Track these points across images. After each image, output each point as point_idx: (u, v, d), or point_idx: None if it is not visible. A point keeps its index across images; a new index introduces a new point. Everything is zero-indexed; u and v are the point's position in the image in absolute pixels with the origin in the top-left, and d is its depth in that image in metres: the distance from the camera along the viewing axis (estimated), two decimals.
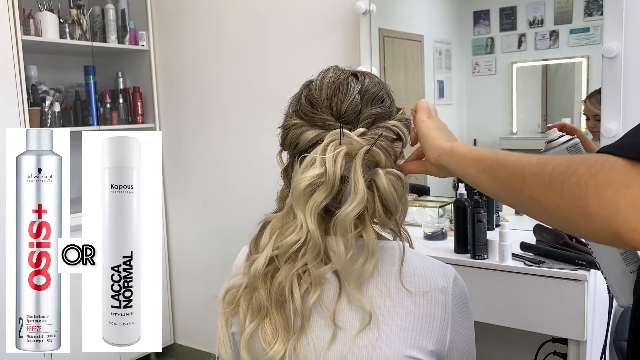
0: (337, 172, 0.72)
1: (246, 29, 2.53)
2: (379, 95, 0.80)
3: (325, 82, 0.80)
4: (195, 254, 2.90)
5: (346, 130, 0.75)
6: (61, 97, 2.73)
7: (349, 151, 0.73)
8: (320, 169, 0.73)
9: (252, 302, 0.78)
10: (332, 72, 0.81)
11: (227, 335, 0.82)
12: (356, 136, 0.75)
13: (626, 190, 0.48)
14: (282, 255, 0.76)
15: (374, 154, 0.74)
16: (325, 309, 0.76)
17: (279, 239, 0.76)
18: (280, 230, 0.77)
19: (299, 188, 0.73)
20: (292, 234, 0.75)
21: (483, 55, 2.19)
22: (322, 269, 0.75)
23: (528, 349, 1.73)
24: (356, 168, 0.72)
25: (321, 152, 0.74)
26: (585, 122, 1.89)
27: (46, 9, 2.52)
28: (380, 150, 0.75)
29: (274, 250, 0.76)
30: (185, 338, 3.02)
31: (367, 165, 0.74)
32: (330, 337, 0.75)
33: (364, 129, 0.77)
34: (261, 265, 0.76)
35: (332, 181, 0.72)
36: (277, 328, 0.76)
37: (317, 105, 0.79)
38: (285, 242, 0.75)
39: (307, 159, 0.74)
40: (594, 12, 1.89)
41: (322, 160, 0.73)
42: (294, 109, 0.82)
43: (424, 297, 0.76)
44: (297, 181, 0.73)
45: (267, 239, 0.77)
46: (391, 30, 2.27)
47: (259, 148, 2.49)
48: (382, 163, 0.75)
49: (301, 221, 0.74)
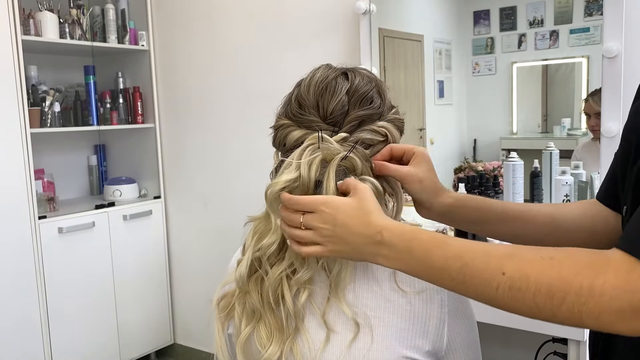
0: (311, 177, 0.72)
1: (246, 29, 2.53)
2: (368, 95, 0.78)
3: (313, 81, 0.79)
4: (195, 254, 2.90)
5: (326, 135, 0.74)
6: (61, 97, 2.73)
7: (325, 157, 0.73)
8: (295, 173, 0.72)
9: (245, 306, 0.78)
10: (322, 71, 0.80)
11: (224, 339, 0.82)
12: (335, 142, 0.74)
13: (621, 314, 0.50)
14: (264, 257, 0.76)
15: (351, 160, 0.74)
16: (317, 309, 0.76)
17: (259, 241, 0.77)
18: (261, 232, 0.78)
19: (273, 191, 0.73)
20: (269, 235, 0.76)
21: (483, 55, 2.19)
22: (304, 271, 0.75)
23: (528, 349, 1.73)
24: (329, 175, 0.72)
25: (297, 156, 0.73)
26: (586, 121, 1.89)
27: (46, 8, 2.52)
28: (357, 157, 0.75)
29: (255, 252, 0.77)
30: (185, 338, 3.02)
31: (344, 171, 0.74)
32: (324, 339, 0.75)
33: (346, 133, 0.76)
34: (244, 268, 0.77)
35: (306, 186, 0.72)
36: (272, 330, 0.76)
37: (305, 106, 0.78)
38: (263, 244, 0.76)
39: (285, 163, 0.74)
40: (594, 12, 1.89)
41: (298, 165, 0.72)
42: (284, 109, 0.82)
43: (420, 296, 0.75)
44: (270, 185, 0.74)
45: (249, 241, 0.79)
46: (391, 30, 2.27)
47: (258, 148, 2.49)
48: (358, 170, 0.75)
49: (275, 223, 0.75)
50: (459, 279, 0.59)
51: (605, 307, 0.50)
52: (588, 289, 0.51)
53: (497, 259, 0.57)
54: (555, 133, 2.08)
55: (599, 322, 0.51)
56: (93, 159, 3.06)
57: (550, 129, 2.11)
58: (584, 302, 0.51)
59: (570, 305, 0.52)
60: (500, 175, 1.95)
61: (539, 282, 0.53)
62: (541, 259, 0.55)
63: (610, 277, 0.50)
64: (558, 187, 1.71)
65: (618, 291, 0.50)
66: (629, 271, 0.50)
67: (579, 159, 1.88)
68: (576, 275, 0.52)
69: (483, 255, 0.58)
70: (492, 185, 1.91)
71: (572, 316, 0.52)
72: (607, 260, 0.52)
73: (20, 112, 2.33)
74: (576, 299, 0.51)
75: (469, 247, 0.60)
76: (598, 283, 0.51)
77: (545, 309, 0.53)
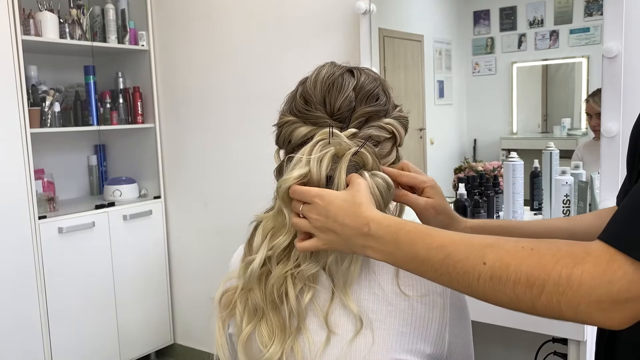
0: (322, 173, 0.72)
1: (246, 29, 2.53)
2: (374, 92, 0.79)
3: (319, 78, 0.79)
4: (195, 254, 2.90)
5: (336, 131, 0.74)
6: (61, 97, 2.73)
7: (337, 152, 0.73)
8: (305, 168, 0.72)
9: (248, 304, 0.78)
10: (328, 68, 0.80)
11: (225, 338, 0.82)
12: (346, 137, 0.74)
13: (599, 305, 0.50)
14: (275, 256, 0.76)
15: (362, 155, 0.74)
16: (320, 310, 0.76)
17: (272, 239, 0.76)
18: (273, 230, 0.77)
19: (283, 188, 0.73)
20: (283, 234, 0.75)
21: (483, 55, 2.19)
22: (313, 270, 0.74)
23: (528, 349, 1.73)
24: (341, 171, 0.72)
25: (308, 152, 0.73)
26: (587, 121, 1.89)
27: (46, 9, 2.52)
28: (368, 152, 0.75)
29: (269, 251, 0.76)
30: (185, 338, 3.02)
31: (354, 167, 0.74)
32: (325, 340, 0.75)
33: (355, 129, 0.77)
34: (257, 266, 0.76)
35: (316, 182, 0.72)
36: (274, 329, 0.76)
37: (311, 102, 0.78)
38: (277, 243, 0.75)
39: (295, 159, 0.74)
40: (594, 12, 1.89)
41: (308, 161, 0.72)
42: (289, 106, 0.82)
43: (422, 300, 0.75)
44: (281, 181, 0.73)
45: (259, 240, 0.77)
46: (391, 30, 2.27)
47: (258, 148, 2.49)
48: (369, 165, 0.75)
49: (289, 220, 0.74)
50: (442, 270, 0.59)
51: (584, 298, 0.50)
52: (567, 278, 0.51)
53: (479, 248, 0.57)
54: (555, 133, 2.08)
55: (577, 313, 0.51)
56: (93, 159, 3.06)
57: (550, 129, 2.11)
58: (562, 292, 0.51)
59: (549, 296, 0.52)
60: (500, 175, 1.95)
61: (519, 271, 0.53)
62: (522, 249, 0.55)
63: (589, 266, 0.50)
64: (558, 187, 1.71)
65: (596, 281, 0.50)
66: (608, 262, 0.50)
67: (580, 158, 1.88)
68: (555, 265, 0.52)
69: (465, 246, 0.59)
70: (492, 185, 1.91)
71: (551, 307, 0.52)
72: (587, 251, 0.52)
73: (20, 112, 2.33)
74: (554, 289, 0.51)
75: (452, 238, 0.61)
76: (577, 273, 0.50)
77: (525, 299, 0.53)
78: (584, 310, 0.51)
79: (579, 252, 0.52)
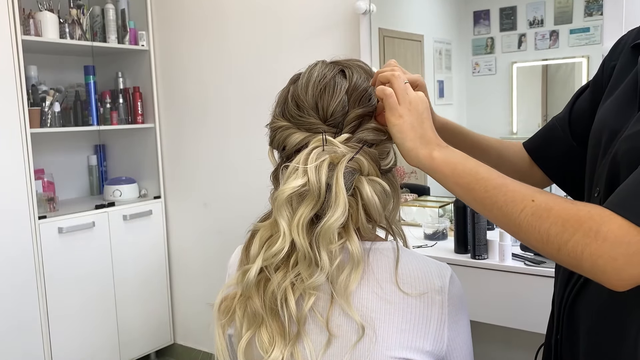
0: (321, 181, 0.71)
1: (246, 29, 2.53)
2: (367, 93, 0.79)
3: (311, 81, 0.79)
4: (195, 253, 2.90)
5: (329, 137, 0.74)
6: (61, 97, 2.73)
7: (332, 160, 0.73)
8: (303, 179, 0.72)
9: (247, 310, 0.77)
10: (318, 70, 0.80)
11: (225, 344, 0.81)
12: (340, 143, 0.74)
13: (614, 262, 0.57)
14: (271, 265, 0.75)
15: (357, 161, 0.74)
16: (320, 315, 0.75)
17: (269, 249, 0.75)
18: (270, 240, 0.76)
19: (281, 199, 0.72)
20: (278, 243, 0.74)
21: (483, 55, 2.19)
22: (312, 279, 0.73)
23: (528, 349, 1.73)
24: (338, 178, 0.71)
25: (303, 160, 0.73)
26: None
27: (46, 9, 2.52)
28: (364, 157, 0.75)
29: (265, 261, 0.75)
30: (185, 338, 3.02)
31: (351, 173, 0.74)
32: (325, 344, 0.74)
33: (349, 134, 0.76)
34: (252, 276, 0.75)
35: (317, 191, 0.71)
36: (274, 335, 0.75)
37: (303, 108, 0.78)
38: (272, 251, 0.74)
39: (290, 168, 0.73)
40: (594, 12, 1.89)
41: (305, 170, 0.72)
42: (281, 109, 0.81)
43: (421, 298, 0.75)
44: (279, 192, 0.73)
45: (256, 249, 0.76)
46: (391, 30, 2.27)
47: (259, 147, 2.48)
48: (365, 170, 0.75)
49: (284, 230, 0.73)
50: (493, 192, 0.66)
51: (604, 253, 0.57)
52: (595, 232, 0.57)
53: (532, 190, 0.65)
54: None
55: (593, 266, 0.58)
56: (93, 159, 3.06)
57: None
58: (588, 243, 0.57)
59: (575, 244, 0.58)
60: None
61: (559, 215, 0.60)
62: (565, 201, 0.62)
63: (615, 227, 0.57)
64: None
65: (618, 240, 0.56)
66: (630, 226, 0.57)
67: None
68: (589, 219, 0.58)
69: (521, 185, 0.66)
70: None
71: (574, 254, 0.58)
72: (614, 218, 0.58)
73: (20, 112, 2.33)
74: (582, 239, 0.58)
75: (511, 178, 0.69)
76: (604, 229, 0.57)
77: (555, 241, 0.60)
78: (600, 264, 0.57)
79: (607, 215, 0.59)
